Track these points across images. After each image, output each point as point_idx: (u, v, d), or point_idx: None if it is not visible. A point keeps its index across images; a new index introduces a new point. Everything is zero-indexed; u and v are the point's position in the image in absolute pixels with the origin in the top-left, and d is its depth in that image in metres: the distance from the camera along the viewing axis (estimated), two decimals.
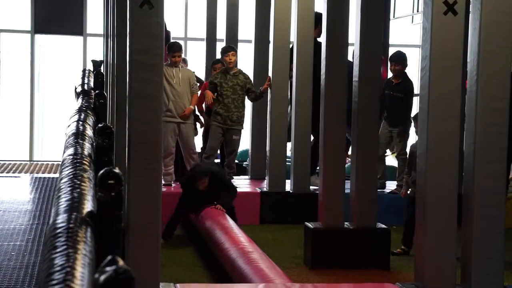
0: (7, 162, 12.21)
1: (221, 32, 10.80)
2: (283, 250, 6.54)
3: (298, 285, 4.74)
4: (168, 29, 11.08)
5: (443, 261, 4.43)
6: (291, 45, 8.08)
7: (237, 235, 5.70)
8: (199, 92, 8.39)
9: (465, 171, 4.53)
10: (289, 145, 8.42)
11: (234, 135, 8.10)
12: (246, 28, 10.28)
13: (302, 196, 7.67)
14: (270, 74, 8.24)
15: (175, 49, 8.14)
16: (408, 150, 7.03)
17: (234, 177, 8.46)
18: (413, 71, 13.20)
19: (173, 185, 8.16)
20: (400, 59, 8.05)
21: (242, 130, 8.36)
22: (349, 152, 8.19)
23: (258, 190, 8.02)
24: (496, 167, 4.40)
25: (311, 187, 7.81)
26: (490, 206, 4.40)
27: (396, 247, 6.45)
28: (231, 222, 6.22)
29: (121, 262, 1.67)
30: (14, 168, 11.30)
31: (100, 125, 4.33)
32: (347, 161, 8.28)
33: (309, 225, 6.11)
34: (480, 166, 4.39)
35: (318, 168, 7.34)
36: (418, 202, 4.54)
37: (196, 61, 10.42)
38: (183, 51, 8.63)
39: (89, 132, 4.39)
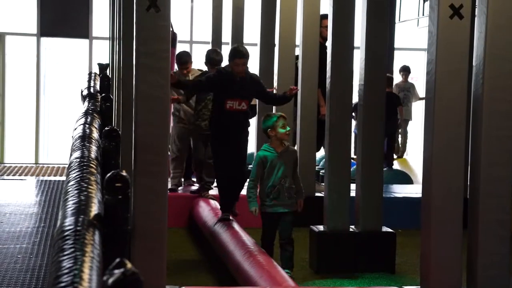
0: (13, 165, 12.24)
1: (226, 35, 10.81)
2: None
3: None
4: (175, 31, 11.10)
5: (449, 264, 4.43)
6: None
7: (242, 238, 5.71)
8: None
9: (470, 174, 4.53)
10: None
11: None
12: (252, 31, 10.30)
13: (307, 199, 7.64)
14: (275, 76, 8.24)
15: (182, 61, 7.99)
16: None
17: None
18: (419, 75, 13.23)
19: (179, 190, 8.16)
20: None
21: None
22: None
23: None
24: (501, 170, 4.40)
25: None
26: (495, 210, 4.39)
27: (401, 250, 6.44)
28: (236, 225, 6.22)
29: (129, 265, 1.68)
30: (20, 171, 11.33)
31: (106, 128, 4.35)
32: None
33: (314, 228, 6.12)
34: (486, 170, 4.39)
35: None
36: (423, 206, 4.54)
37: (201, 65, 10.42)
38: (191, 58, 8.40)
39: (96, 135, 4.41)
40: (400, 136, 12.90)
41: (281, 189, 5.61)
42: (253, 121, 9.03)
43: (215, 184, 7.80)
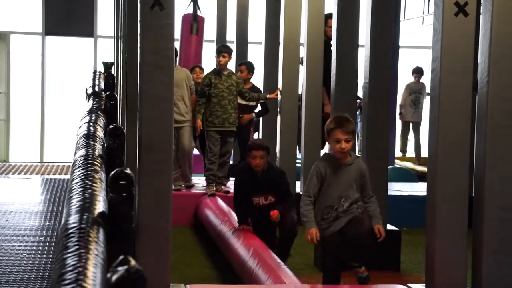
0: (18, 164, 12.26)
1: (231, 33, 10.82)
2: (294, 252, 6.53)
3: (309, 286, 4.74)
4: (201, 15, 11.12)
5: (454, 263, 4.42)
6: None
7: (247, 236, 5.70)
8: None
9: (475, 173, 4.52)
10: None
11: (228, 137, 7.86)
12: (256, 29, 10.30)
13: None
14: (280, 75, 8.24)
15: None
16: None
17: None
18: (424, 73, 13.19)
19: (183, 189, 8.17)
20: None
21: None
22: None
23: None
24: (507, 169, 4.38)
25: None
26: (501, 208, 4.38)
27: (406, 248, 6.44)
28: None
29: (133, 262, 1.68)
30: (25, 170, 11.35)
31: (111, 126, 4.36)
32: None
33: None
34: (491, 168, 4.37)
35: None
36: (428, 204, 4.53)
37: (206, 63, 10.43)
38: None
39: (100, 133, 4.41)
40: (414, 139, 12.88)
41: (341, 210, 4.58)
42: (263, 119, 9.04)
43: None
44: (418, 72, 12.68)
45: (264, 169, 5.82)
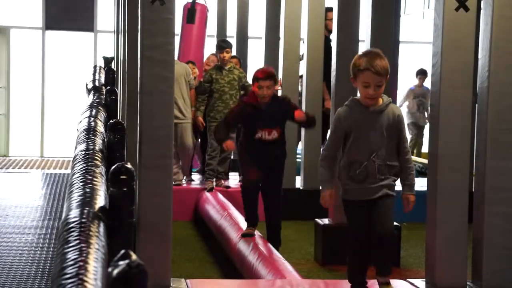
0: (18, 158, 12.27)
1: (231, 29, 10.81)
2: (294, 247, 6.55)
3: (309, 281, 4.74)
4: (205, 4, 11.11)
5: (454, 258, 4.42)
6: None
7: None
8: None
9: (476, 167, 4.52)
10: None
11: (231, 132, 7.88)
12: (256, 24, 10.29)
13: (312, 193, 7.66)
14: (280, 70, 8.24)
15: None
16: None
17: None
18: (425, 68, 13.19)
19: (184, 183, 8.17)
20: None
21: None
22: None
23: None
24: (507, 164, 4.38)
25: None
26: (501, 203, 4.38)
27: (406, 243, 6.44)
28: (241, 218, 6.23)
29: (134, 256, 1.68)
30: (25, 164, 11.36)
31: (111, 121, 4.36)
32: None
33: (319, 221, 6.11)
34: (492, 163, 4.37)
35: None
36: (429, 199, 4.53)
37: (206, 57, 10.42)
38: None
39: (101, 128, 4.41)
40: (415, 139, 12.84)
41: (371, 168, 3.75)
42: None
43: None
44: (422, 73, 12.52)
45: (268, 100, 5.49)
